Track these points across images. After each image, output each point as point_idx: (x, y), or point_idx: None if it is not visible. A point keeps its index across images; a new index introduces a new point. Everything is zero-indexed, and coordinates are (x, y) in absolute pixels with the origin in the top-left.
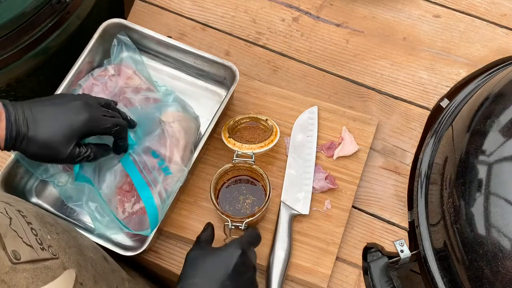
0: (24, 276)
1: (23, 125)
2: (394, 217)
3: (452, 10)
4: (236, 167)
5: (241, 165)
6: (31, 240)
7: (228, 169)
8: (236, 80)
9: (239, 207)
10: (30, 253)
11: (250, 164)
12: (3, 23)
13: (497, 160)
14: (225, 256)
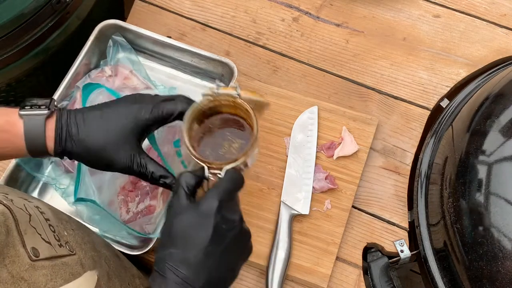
0: (43, 273)
1: (73, 126)
2: (394, 217)
3: (452, 10)
4: (217, 100)
5: (221, 98)
6: (49, 236)
7: (206, 104)
8: (234, 76)
9: (223, 153)
10: (48, 250)
11: (234, 97)
12: (3, 23)
13: (497, 160)
14: (201, 214)
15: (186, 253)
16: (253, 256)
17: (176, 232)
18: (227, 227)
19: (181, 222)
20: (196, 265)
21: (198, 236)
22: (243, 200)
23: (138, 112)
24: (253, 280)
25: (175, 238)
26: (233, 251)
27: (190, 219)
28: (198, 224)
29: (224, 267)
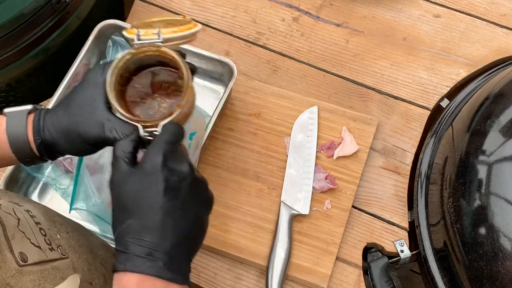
0: (31, 278)
1: (50, 113)
2: (394, 217)
3: (452, 10)
4: (140, 52)
5: (145, 48)
6: (39, 240)
7: (129, 58)
8: (234, 76)
9: (153, 113)
10: (38, 255)
11: (158, 46)
12: (3, 23)
13: (497, 160)
14: (147, 174)
15: (144, 219)
16: (253, 256)
17: (126, 202)
18: (178, 179)
19: (128, 189)
20: (157, 228)
21: (150, 197)
22: (243, 200)
23: (102, 76)
24: (253, 280)
25: (127, 208)
26: (192, 202)
27: (137, 183)
28: (147, 185)
29: (188, 221)
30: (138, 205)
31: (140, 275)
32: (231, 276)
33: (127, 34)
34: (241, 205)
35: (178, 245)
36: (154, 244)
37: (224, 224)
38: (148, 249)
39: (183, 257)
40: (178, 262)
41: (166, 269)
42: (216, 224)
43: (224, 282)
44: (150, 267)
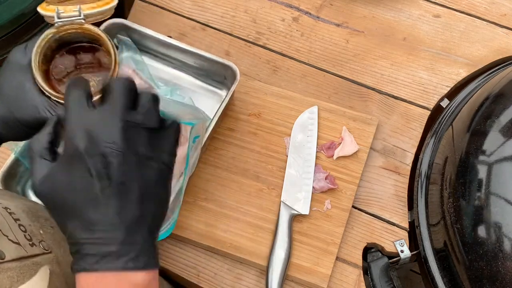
0: (8, 275)
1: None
2: (394, 217)
3: (452, 10)
4: (62, 31)
5: (67, 26)
6: (18, 237)
7: (51, 37)
8: (236, 80)
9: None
10: (16, 251)
11: (81, 23)
12: (3, 23)
13: (497, 160)
14: (70, 164)
15: (84, 215)
16: (253, 256)
17: (59, 203)
18: (152, 155)
19: (56, 187)
20: (101, 220)
21: (81, 188)
22: (243, 200)
23: (25, 58)
24: (253, 280)
25: (63, 209)
26: (133, 177)
27: (62, 177)
28: (73, 177)
29: (134, 201)
30: (73, 203)
31: (96, 273)
32: (231, 276)
33: (43, 11)
34: (241, 205)
35: (130, 230)
36: (103, 238)
37: (224, 224)
38: (98, 245)
39: (140, 240)
40: (135, 248)
41: (122, 260)
42: (216, 224)
43: (224, 282)
44: (104, 263)
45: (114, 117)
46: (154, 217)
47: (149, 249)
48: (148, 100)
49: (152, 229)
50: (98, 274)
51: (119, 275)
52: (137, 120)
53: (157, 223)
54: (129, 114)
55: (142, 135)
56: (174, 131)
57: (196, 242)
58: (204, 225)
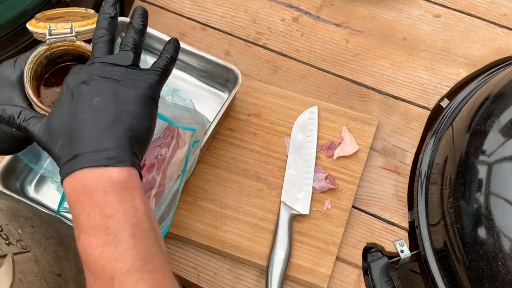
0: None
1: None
2: (394, 217)
3: (452, 10)
4: (54, 47)
5: (59, 43)
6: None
7: (43, 53)
8: (238, 83)
9: None
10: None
11: (73, 41)
12: (3, 23)
13: (497, 160)
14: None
15: (63, 132)
16: (253, 256)
17: (52, 136)
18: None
19: (53, 124)
20: (73, 129)
21: (59, 114)
22: (243, 200)
23: (14, 74)
24: (253, 280)
25: (52, 139)
26: (97, 91)
27: (58, 113)
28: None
29: (101, 109)
30: (56, 130)
31: (70, 177)
32: (231, 276)
33: (33, 28)
34: (241, 205)
35: (103, 132)
36: (77, 141)
37: (224, 224)
38: (71, 147)
39: (113, 142)
40: (108, 147)
41: (95, 158)
42: (216, 224)
43: (224, 282)
44: (78, 162)
45: (92, 59)
46: (130, 126)
47: (124, 151)
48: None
49: (129, 136)
50: (75, 174)
51: (94, 171)
52: (110, 61)
53: (137, 133)
54: (105, 58)
55: (117, 69)
56: (153, 72)
57: (196, 242)
58: (204, 225)
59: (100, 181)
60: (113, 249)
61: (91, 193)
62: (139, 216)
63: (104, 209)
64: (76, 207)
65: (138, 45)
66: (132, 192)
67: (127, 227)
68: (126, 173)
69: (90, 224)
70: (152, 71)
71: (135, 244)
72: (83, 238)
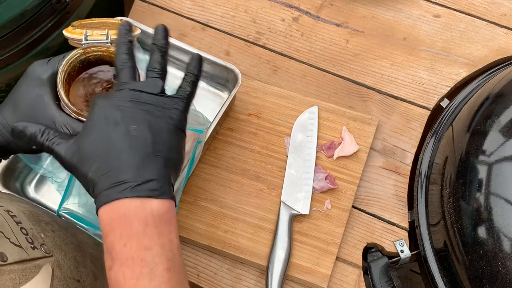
0: (11, 277)
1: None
2: (394, 217)
3: (452, 10)
4: (89, 52)
5: (94, 49)
6: (20, 240)
7: (78, 57)
8: (238, 83)
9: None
10: (18, 254)
11: (108, 47)
12: (3, 23)
13: (497, 160)
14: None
15: (101, 159)
16: (253, 256)
17: (83, 159)
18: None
19: (83, 149)
20: (114, 157)
21: (99, 138)
22: (243, 200)
23: (46, 73)
24: (253, 280)
25: (85, 163)
26: (136, 120)
27: (90, 137)
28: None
29: (140, 139)
30: (94, 154)
31: (109, 205)
32: (231, 276)
33: (69, 34)
34: (241, 205)
35: (143, 163)
36: (117, 169)
37: (224, 224)
38: (112, 176)
39: (153, 173)
40: (149, 178)
41: (137, 189)
42: (216, 224)
43: (224, 282)
44: (119, 191)
45: (120, 86)
46: (167, 158)
47: (164, 183)
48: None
49: (167, 166)
50: (115, 203)
51: (135, 201)
52: (140, 88)
53: (173, 165)
54: (134, 84)
55: (148, 98)
56: (180, 100)
57: (196, 242)
58: (204, 225)
59: (140, 212)
60: (148, 282)
61: (130, 224)
62: (173, 250)
63: (142, 240)
64: (112, 236)
65: (164, 69)
66: (169, 226)
67: (163, 261)
68: (166, 205)
69: (126, 254)
70: (179, 99)
71: (170, 279)
72: (116, 267)
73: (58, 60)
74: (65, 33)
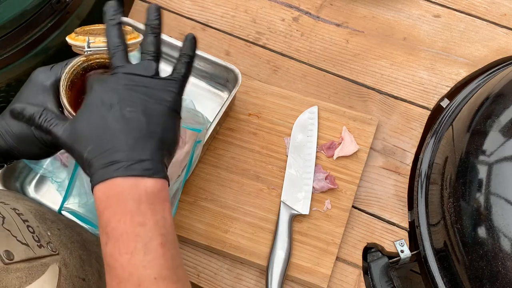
0: (17, 275)
1: (0, 118)
2: (394, 217)
3: (452, 10)
4: (92, 59)
5: (97, 56)
6: (27, 238)
7: (80, 64)
8: (238, 83)
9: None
10: (25, 252)
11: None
12: (3, 23)
13: (497, 160)
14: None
15: (95, 139)
16: (253, 256)
17: (78, 141)
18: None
19: (79, 129)
20: (107, 137)
21: (92, 119)
22: (243, 200)
23: (49, 80)
24: (253, 280)
25: (80, 143)
26: (129, 102)
27: (86, 119)
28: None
29: (132, 120)
30: (90, 135)
31: (104, 183)
32: (231, 276)
33: (72, 40)
34: (241, 205)
35: (137, 143)
36: (112, 149)
37: (224, 224)
38: (107, 155)
39: (147, 152)
40: (143, 158)
41: (131, 167)
42: (216, 224)
43: (224, 282)
44: (114, 170)
45: (114, 69)
46: (162, 139)
47: (157, 163)
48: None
49: (161, 148)
50: (110, 182)
51: (130, 180)
52: (134, 71)
53: (166, 146)
54: (128, 67)
55: (142, 80)
56: (175, 81)
57: (196, 242)
58: (204, 225)
59: (135, 190)
60: (142, 257)
61: (125, 201)
62: (167, 227)
63: (136, 217)
64: (107, 213)
65: (158, 50)
66: (163, 204)
67: (157, 236)
68: (159, 184)
69: (120, 230)
70: (173, 81)
71: (164, 254)
72: (111, 243)
73: (61, 67)
74: (68, 40)
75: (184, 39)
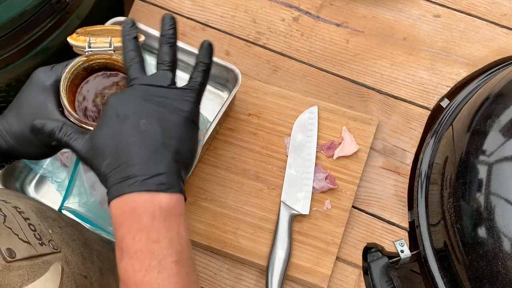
0: (19, 273)
1: (1, 120)
2: (394, 217)
3: (452, 10)
4: (92, 60)
5: (97, 56)
6: (28, 236)
7: (81, 65)
8: (238, 83)
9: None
10: (26, 250)
11: (110, 55)
12: (3, 23)
13: (497, 160)
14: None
15: (112, 153)
16: (253, 256)
17: (96, 153)
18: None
19: (97, 143)
20: (123, 152)
21: (110, 135)
22: (243, 200)
23: (49, 80)
24: (253, 280)
25: (98, 157)
26: (146, 115)
27: (103, 133)
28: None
29: (149, 133)
30: (106, 148)
31: (119, 199)
32: (231, 276)
33: (73, 41)
34: (241, 205)
35: (152, 156)
36: (127, 163)
37: (224, 224)
38: (122, 170)
39: (162, 166)
40: (158, 172)
41: (146, 182)
42: (216, 224)
43: (224, 282)
44: (129, 185)
45: (131, 82)
46: (177, 151)
47: (173, 177)
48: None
49: (177, 160)
50: (125, 197)
51: (144, 195)
52: (150, 82)
53: (183, 158)
54: (144, 79)
55: (158, 91)
56: (191, 91)
57: (196, 242)
58: (204, 225)
59: (149, 206)
60: (156, 274)
61: (139, 217)
62: (182, 244)
63: (150, 234)
64: (122, 229)
65: (174, 60)
66: (178, 219)
67: (171, 253)
68: (174, 199)
69: (135, 247)
70: (190, 90)
71: (178, 272)
72: (126, 260)
73: (61, 67)
74: (69, 41)
75: (200, 47)
